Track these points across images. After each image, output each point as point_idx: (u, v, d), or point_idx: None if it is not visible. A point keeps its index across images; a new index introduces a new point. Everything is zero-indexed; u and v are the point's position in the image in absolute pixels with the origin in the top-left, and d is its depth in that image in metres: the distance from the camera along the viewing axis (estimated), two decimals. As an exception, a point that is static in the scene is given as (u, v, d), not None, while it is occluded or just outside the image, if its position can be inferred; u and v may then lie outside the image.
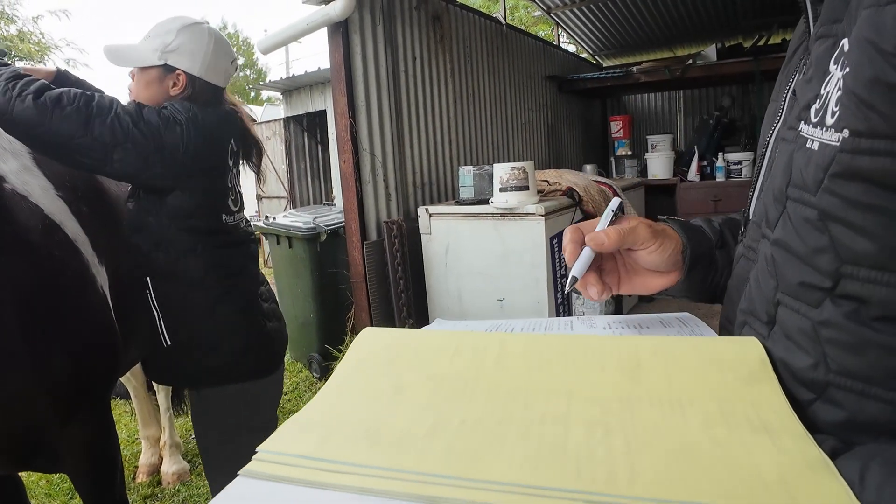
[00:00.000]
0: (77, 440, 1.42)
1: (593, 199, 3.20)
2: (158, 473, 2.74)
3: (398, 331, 0.59)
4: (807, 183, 0.40)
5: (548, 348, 0.51)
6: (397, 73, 3.16)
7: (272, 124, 7.99)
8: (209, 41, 1.47)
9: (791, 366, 0.42)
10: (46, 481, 2.76)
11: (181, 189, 1.40)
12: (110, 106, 1.30)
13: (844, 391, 0.38)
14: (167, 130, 1.34)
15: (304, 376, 3.84)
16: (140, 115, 1.33)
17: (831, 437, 0.38)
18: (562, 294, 2.78)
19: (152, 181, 1.37)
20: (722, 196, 5.00)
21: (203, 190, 1.43)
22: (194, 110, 1.41)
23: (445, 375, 0.49)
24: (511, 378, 0.47)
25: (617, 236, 0.57)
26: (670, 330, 0.59)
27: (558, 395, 0.43)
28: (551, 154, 5.17)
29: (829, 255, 0.38)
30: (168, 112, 1.37)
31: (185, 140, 1.36)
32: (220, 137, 1.47)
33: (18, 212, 1.31)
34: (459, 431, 0.40)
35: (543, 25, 9.91)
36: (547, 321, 0.66)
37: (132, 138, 1.30)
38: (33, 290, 1.29)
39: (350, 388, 0.50)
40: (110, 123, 1.28)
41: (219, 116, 1.48)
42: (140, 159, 1.32)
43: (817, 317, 0.40)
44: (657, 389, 0.43)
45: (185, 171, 1.38)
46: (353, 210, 2.91)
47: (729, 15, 5.62)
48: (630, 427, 0.38)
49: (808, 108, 0.42)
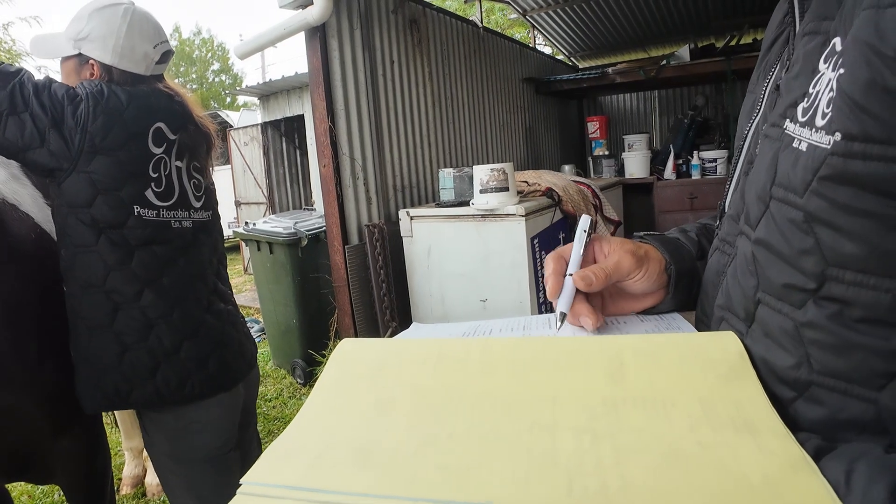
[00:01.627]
0: (69, 453, 1.41)
1: (572, 198, 3.23)
2: (143, 485, 2.71)
3: (377, 341, 0.58)
4: (793, 184, 0.39)
5: (531, 352, 0.50)
6: (376, 77, 3.16)
7: (249, 129, 7.92)
8: (121, 24, 1.32)
9: (772, 364, 0.42)
10: (28, 496, 2.71)
11: (77, 173, 1.23)
12: (16, 73, 1.19)
13: (827, 390, 0.39)
14: (70, 105, 1.22)
15: (289, 382, 3.82)
16: (46, 87, 1.21)
17: (815, 435, 0.38)
18: (544, 293, 2.81)
19: (44, 159, 1.21)
20: (698, 193, 5.08)
21: (106, 175, 1.24)
22: (103, 86, 1.27)
23: (429, 387, 0.48)
24: (496, 385, 0.47)
25: (605, 276, 0.56)
26: (647, 325, 0.59)
27: (543, 402, 0.43)
28: (530, 155, 5.21)
29: (815, 258, 0.38)
30: (75, 89, 1.25)
31: (84, 116, 1.22)
32: (134, 117, 1.29)
33: (10, 221, 1.29)
34: (448, 447, 0.39)
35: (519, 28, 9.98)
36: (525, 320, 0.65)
37: (31, 108, 1.17)
38: (25, 302, 1.28)
39: (333, 407, 0.48)
40: (10, 90, 1.16)
41: (136, 95, 1.31)
42: (36, 132, 1.18)
43: (801, 318, 0.40)
44: (641, 390, 0.43)
45: (81, 152, 1.22)
46: (335, 214, 2.90)
47: (701, 16, 5.72)
48: (617, 432, 0.38)
49: (794, 106, 0.42)
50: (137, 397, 1.32)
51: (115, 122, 1.25)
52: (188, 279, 1.38)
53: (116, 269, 1.27)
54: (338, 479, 0.38)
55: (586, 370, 0.46)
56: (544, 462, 0.36)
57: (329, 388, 0.51)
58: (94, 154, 1.23)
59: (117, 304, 1.28)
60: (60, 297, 1.35)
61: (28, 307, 1.28)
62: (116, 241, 1.27)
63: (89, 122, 1.22)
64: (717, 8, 5.53)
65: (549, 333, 0.60)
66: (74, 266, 1.27)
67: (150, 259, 1.31)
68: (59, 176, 1.24)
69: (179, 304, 1.35)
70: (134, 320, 1.29)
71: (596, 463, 0.36)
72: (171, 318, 1.33)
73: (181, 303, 1.35)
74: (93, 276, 1.26)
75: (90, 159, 1.23)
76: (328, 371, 0.53)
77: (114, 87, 1.29)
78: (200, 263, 1.43)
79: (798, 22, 0.47)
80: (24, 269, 1.29)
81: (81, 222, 1.25)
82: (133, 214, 1.28)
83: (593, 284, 0.56)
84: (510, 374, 0.48)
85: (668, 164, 5.27)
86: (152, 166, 1.32)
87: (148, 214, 1.30)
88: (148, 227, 1.30)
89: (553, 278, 0.58)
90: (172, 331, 1.33)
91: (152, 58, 1.39)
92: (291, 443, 0.43)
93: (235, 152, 7.99)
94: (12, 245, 1.28)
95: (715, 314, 0.53)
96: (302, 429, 0.45)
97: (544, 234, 2.84)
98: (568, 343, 0.51)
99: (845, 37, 0.37)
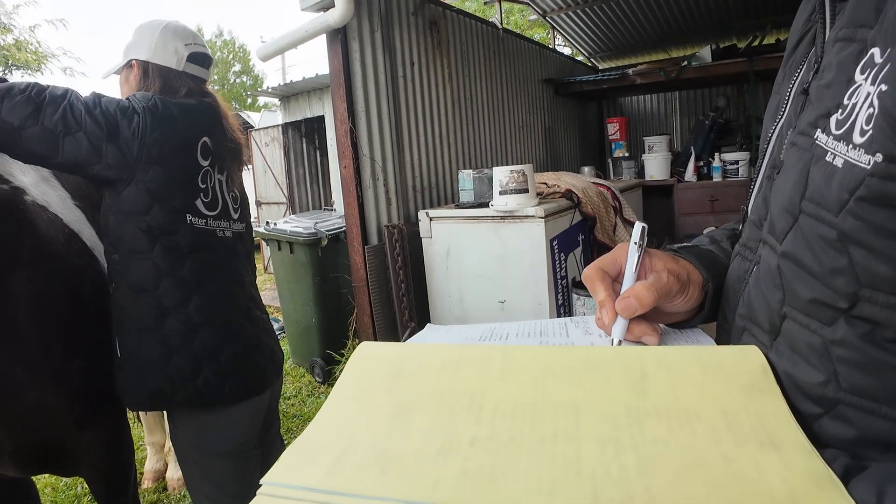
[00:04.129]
0: (94, 445, 1.45)
1: (591, 200, 3.22)
2: (164, 479, 2.76)
3: (396, 345, 0.57)
4: (827, 201, 0.38)
5: (551, 360, 0.50)
6: (396, 79, 3.18)
7: (270, 130, 8.00)
8: (157, 28, 1.47)
9: (798, 379, 0.42)
10: (52, 488, 2.77)
11: (136, 182, 1.30)
12: (64, 94, 1.25)
13: (854, 409, 0.38)
14: (124, 118, 1.29)
15: (307, 381, 3.86)
16: (97, 104, 1.28)
17: (843, 453, 0.37)
18: (563, 295, 2.80)
19: (105, 172, 1.28)
20: (719, 196, 5.02)
21: (161, 184, 1.32)
22: (155, 100, 1.35)
23: (450, 391, 0.47)
24: (517, 392, 0.46)
25: (652, 302, 0.53)
26: (666, 338, 0.58)
27: (566, 410, 0.43)
28: (549, 156, 5.19)
29: (847, 278, 0.37)
30: (127, 102, 1.32)
31: (141, 128, 1.29)
32: (185, 130, 1.39)
33: (40, 223, 1.33)
34: (470, 452, 0.39)
35: (539, 29, 9.94)
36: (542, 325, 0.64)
37: (85, 126, 1.24)
38: (56, 301, 1.31)
39: (352, 409, 0.48)
40: (62, 111, 1.22)
41: (184, 108, 1.41)
42: (92, 149, 1.25)
43: (830, 335, 0.39)
44: (664, 402, 0.43)
45: (139, 162, 1.30)
46: (354, 215, 2.93)
47: (723, 16, 5.65)
48: (641, 444, 0.38)
49: (827, 117, 0.40)
50: (180, 398, 1.37)
51: (169, 134, 1.34)
52: (230, 286, 1.46)
53: (168, 275, 1.34)
54: (358, 483, 0.37)
55: (608, 380, 0.46)
56: (568, 471, 0.36)
57: (348, 390, 0.51)
58: (151, 164, 1.31)
59: (167, 309, 1.34)
60: (88, 298, 1.39)
61: (56, 307, 1.31)
62: (170, 248, 1.34)
63: (146, 134, 1.30)
64: (739, 8, 5.45)
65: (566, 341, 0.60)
66: (128, 271, 1.33)
67: (199, 266, 1.38)
68: (119, 186, 1.31)
69: (222, 309, 1.42)
70: (181, 324, 1.35)
71: (621, 473, 0.35)
72: (214, 323, 1.40)
73: (224, 308, 1.43)
74: (145, 281, 1.33)
75: (147, 169, 1.31)
76: (347, 373, 0.53)
77: (166, 101, 1.37)
78: (239, 272, 1.51)
79: (829, 24, 0.45)
80: (54, 269, 1.32)
81: (139, 229, 1.31)
82: (185, 222, 1.36)
83: (637, 312, 0.53)
84: (531, 381, 0.47)
85: (689, 165, 5.21)
86: (200, 177, 1.41)
87: (198, 223, 1.39)
88: (198, 235, 1.39)
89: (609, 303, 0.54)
90: (215, 335, 1.39)
91: (182, 53, 1.48)
92: (311, 443, 0.43)
93: (256, 153, 8.08)
94: (42, 246, 1.31)
95: (736, 324, 0.52)
96: (322, 429, 0.45)
97: (563, 236, 2.84)
98: (588, 353, 0.51)
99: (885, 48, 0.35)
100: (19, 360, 1.24)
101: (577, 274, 2.98)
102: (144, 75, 1.45)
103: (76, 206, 1.47)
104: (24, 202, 1.31)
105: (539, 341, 0.60)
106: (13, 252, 1.24)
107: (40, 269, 1.28)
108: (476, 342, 0.62)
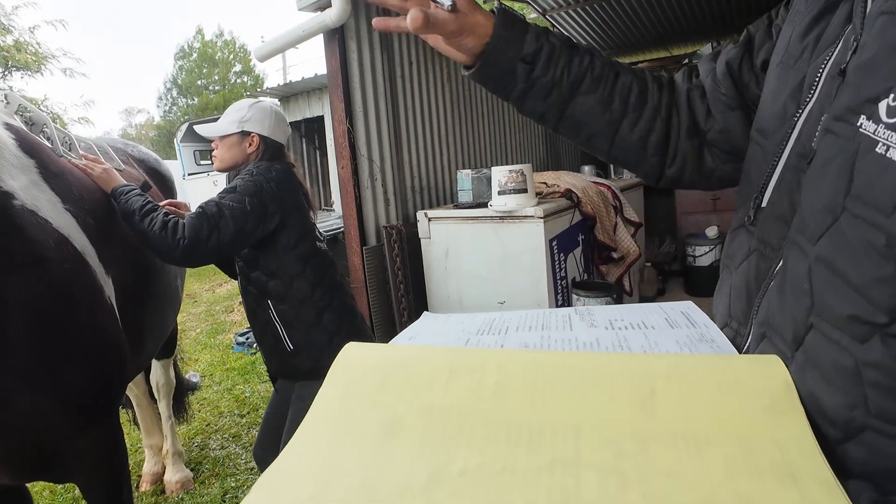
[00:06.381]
0: (88, 452, 1.43)
1: (592, 199, 3.20)
2: (162, 482, 2.74)
3: (384, 348, 0.54)
4: (879, 199, 0.34)
5: (551, 370, 0.46)
6: (394, 79, 3.16)
7: (270, 130, 7.99)
8: (272, 112, 1.97)
9: (820, 400, 0.38)
10: (50, 491, 2.76)
11: (286, 226, 1.82)
12: (219, 214, 1.66)
13: (882, 436, 0.34)
14: (259, 195, 1.74)
15: (306, 382, 3.84)
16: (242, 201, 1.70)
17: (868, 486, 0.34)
18: (562, 296, 2.78)
19: (270, 227, 1.79)
20: (721, 195, 4.99)
21: (299, 223, 1.87)
22: (272, 167, 1.85)
23: (440, 408, 0.44)
24: (512, 410, 0.43)
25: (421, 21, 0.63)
26: (678, 332, 0.55)
27: (565, 432, 0.40)
28: (549, 156, 5.17)
29: (890, 289, 0.33)
30: (254, 177, 1.78)
31: (276, 192, 1.79)
32: (294, 182, 1.92)
33: (29, 228, 1.31)
34: (459, 485, 0.36)
35: (539, 27, 9.92)
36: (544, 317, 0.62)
37: (246, 213, 1.70)
38: (47, 306, 1.30)
39: (336, 427, 0.45)
40: (229, 215, 1.67)
41: (287, 171, 1.92)
42: (258, 220, 1.73)
43: (863, 356, 0.35)
44: (674, 424, 0.39)
45: (282, 213, 1.81)
46: (352, 215, 2.90)
47: (724, 14, 5.62)
48: (647, 476, 0.35)
49: (874, 102, 0.36)
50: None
51: (289, 190, 1.87)
52: (347, 286, 2.05)
53: (318, 286, 1.89)
54: None
55: (613, 396, 0.42)
56: None
57: (330, 405, 0.48)
58: (290, 213, 1.84)
59: (322, 309, 1.89)
60: (79, 302, 1.37)
61: (47, 311, 1.30)
62: (315, 267, 1.89)
63: (279, 195, 1.81)
64: (740, 6, 5.43)
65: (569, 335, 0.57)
66: (291, 289, 1.85)
67: (330, 276, 1.94)
68: (276, 233, 1.82)
69: (349, 304, 2.01)
70: (333, 316, 1.91)
71: None
72: (348, 313, 1.98)
73: (347, 303, 2.00)
74: (305, 294, 1.86)
75: (288, 217, 1.84)
76: (330, 381, 0.50)
77: (274, 166, 1.87)
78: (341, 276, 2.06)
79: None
80: (47, 273, 1.31)
81: (296, 258, 1.85)
82: (317, 247, 1.93)
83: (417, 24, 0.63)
84: (528, 396, 0.44)
85: (690, 164, 5.18)
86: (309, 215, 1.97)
87: (321, 246, 1.97)
88: (324, 254, 1.96)
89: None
90: (349, 319, 1.97)
91: (287, 133, 2.06)
92: (294, 466, 0.40)
93: (256, 153, 8.06)
94: (34, 250, 1.29)
95: (755, 330, 0.48)
96: (305, 449, 0.42)
97: (563, 236, 2.82)
98: (592, 361, 0.47)
99: None
100: (10, 365, 1.22)
101: (577, 274, 2.96)
102: (262, 145, 1.92)
103: (66, 210, 1.45)
104: (12, 206, 1.29)
105: (540, 336, 0.57)
106: (2, 257, 1.23)
107: (30, 274, 1.27)
108: (474, 335, 0.59)
